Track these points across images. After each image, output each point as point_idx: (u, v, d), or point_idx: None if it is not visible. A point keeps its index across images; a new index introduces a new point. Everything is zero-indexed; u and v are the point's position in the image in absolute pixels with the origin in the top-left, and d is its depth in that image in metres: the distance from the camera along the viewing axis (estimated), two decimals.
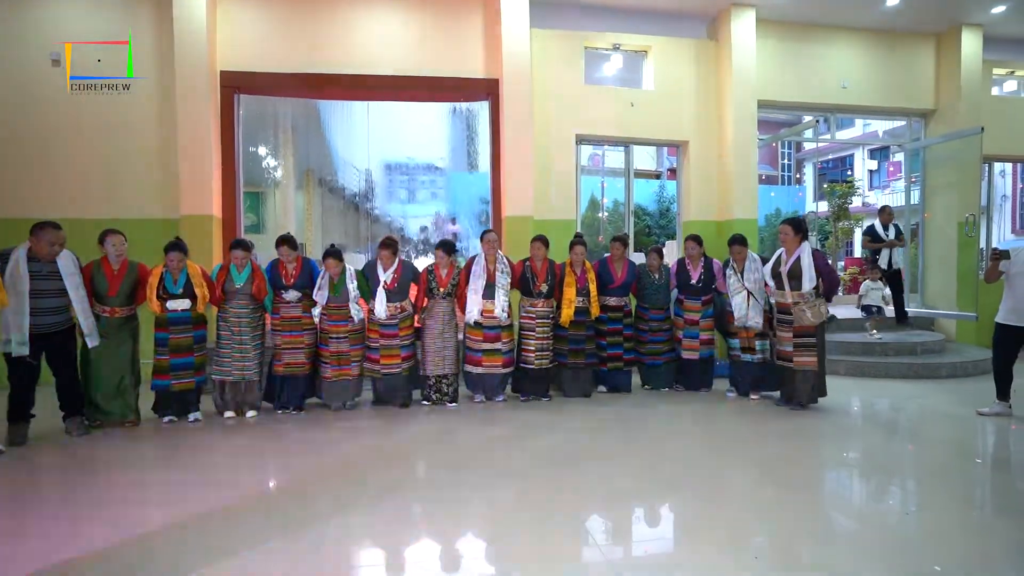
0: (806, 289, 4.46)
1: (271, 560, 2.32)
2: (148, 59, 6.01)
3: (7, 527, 2.65)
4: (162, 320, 4.28)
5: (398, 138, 9.76)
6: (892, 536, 2.55)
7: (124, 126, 5.98)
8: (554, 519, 2.72)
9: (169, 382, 4.29)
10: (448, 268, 4.88)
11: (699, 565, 2.29)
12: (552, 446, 3.86)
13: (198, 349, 4.38)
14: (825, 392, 4.63)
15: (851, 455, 3.76)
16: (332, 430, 4.26)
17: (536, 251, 4.98)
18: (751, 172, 7.03)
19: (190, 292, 4.30)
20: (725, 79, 6.97)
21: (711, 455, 3.68)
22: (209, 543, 2.47)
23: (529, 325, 4.95)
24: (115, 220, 5.67)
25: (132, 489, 3.17)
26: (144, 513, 2.82)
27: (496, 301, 4.77)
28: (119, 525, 2.65)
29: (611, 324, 5.19)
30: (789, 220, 4.74)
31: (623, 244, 5.26)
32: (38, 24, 5.88)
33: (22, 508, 2.89)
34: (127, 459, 3.69)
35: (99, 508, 2.88)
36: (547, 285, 4.93)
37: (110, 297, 4.15)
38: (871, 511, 2.90)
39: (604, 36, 6.91)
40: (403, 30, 6.42)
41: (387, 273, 4.71)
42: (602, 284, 5.13)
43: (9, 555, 2.37)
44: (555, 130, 6.64)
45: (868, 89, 7.58)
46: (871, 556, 2.34)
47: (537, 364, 4.92)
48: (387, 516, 2.77)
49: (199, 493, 3.03)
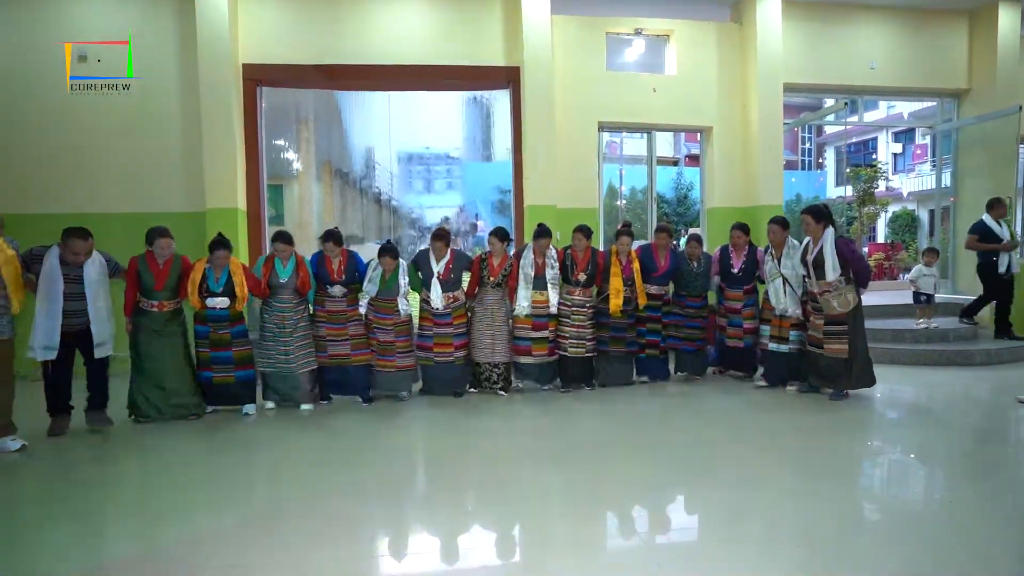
0: (831, 278, 4.38)
1: (326, 550, 2.35)
2: (172, 54, 6.05)
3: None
4: (202, 315, 4.31)
5: (415, 128, 9.76)
6: (924, 526, 2.51)
7: (150, 121, 6.04)
8: (591, 508, 2.72)
9: (211, 375, 4.34)
10: (501, 257, 4.89)
11: (732, 554, 2.27)
12: (591, 435, 3.87)
13: (237, 345, 4.38)
14: (873, 381, 4.53)
15: (887, 445, 3.71)
16: (383, 422, 4.27)
17: (577, 241, 4.96)
18: (777, 157, 6.90)
19: (230, 290, 4.29)
20: (750, 63, 6.83)
21: (747, 445, 3.65)
22: (261, 541, 2.50)
23: (566, 312, 4.94)
24: (142, 214, 5.80)
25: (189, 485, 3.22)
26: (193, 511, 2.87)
27: (549, 295, 4.82)
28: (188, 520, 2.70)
29: (650, 311, 5.16)
30: (809, 208, 4.63)
31: (668, 234, 5.21)
32: (65, 22, 5.94)
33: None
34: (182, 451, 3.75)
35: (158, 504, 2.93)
36: (586, 274, 4.92)
37: (157, 291, 4.15)
38: (904, 501, 2.86)
39: (625, 21, 6.80)
40: (423, 19, 6.38)
41: (440, 264, 4.74)
42: (645, 272, 5.08)
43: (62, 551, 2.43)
44: (576, 118, 6.57)
45: (897, 70, 7.38)
46: (903, 547, 2.30)
47: (572, 352, 4.92)
48: (424, 506, 2.80)
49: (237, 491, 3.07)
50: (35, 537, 2.53)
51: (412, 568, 2.28)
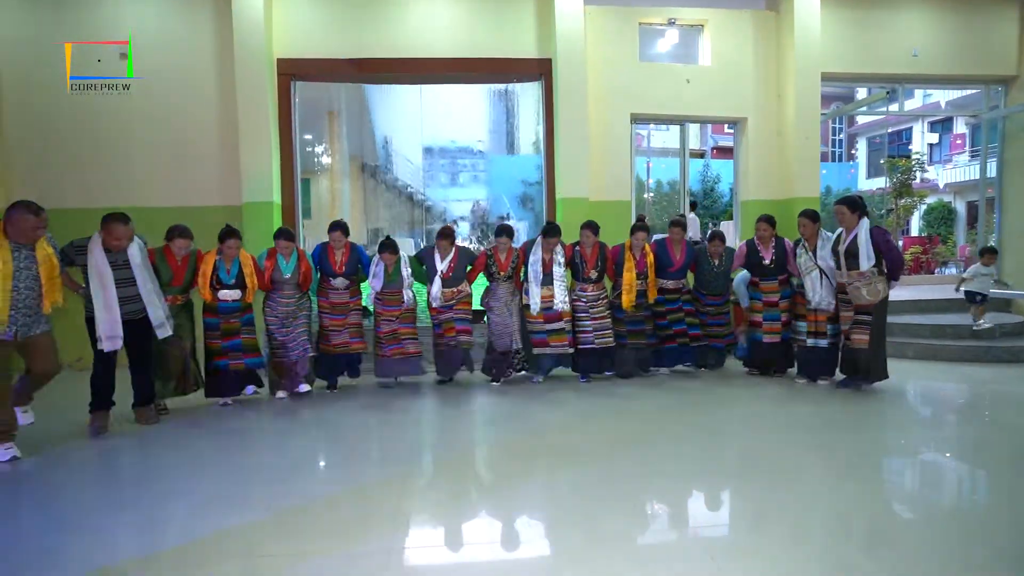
0: (864, 267, 4.33)
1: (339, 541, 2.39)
2: (208, 50, 6.14)
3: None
4: (212, 306, 4.34)
5: (441, 122, 9.77)
6: (958, 527, 2.44)
7: (188, 116, 6.15)
8: (613, 501, 2.69)
9: (227, 362, 4.38)
10: (507, 252, 4.97)
11: (761, 549, 2.24)
12: (614, 427, 3.86)
13: (245, 331, 4.45)
14: (885, 374, 4.46)
15: (923, 442, 3.62)
16: (382, 409, 4.35)
17: (585, 238, 4.97)
18: (814, 148, 6.74)
19: (241, 282, 4.35)
20: (786, 51, 6.67)
21: (775, 439, 3.59)
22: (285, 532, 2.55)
23: (581, 308, 4.96)
24: (180, 208, 5.90)
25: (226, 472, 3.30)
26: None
27: (556, 292, 4.83)
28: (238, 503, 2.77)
29: (669, 304, 5.15)
30: (844, 199, 4.55)
31: (682, 228, 5.17)
32: (106, 19, 6.06)
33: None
34: (210, 445, 3.84)
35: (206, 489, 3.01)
36: (596, 271, 4.96)
37: (173, 287, 4.18)
38: (938, 501, 2.79)
39: (659, 11, 6.69)
40: (455, 11, 6.37)
41: (444, 262, 4.85)
42: (660, 267, 5.09)
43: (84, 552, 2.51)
44: (609, 109, 6.50)
45: (941, 57, 7.13)
46: (934, 548, 2.25)
47: (599, 344, 4.94)
48: (441, 495, 2.81)
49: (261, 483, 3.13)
50: (94, 524, 2.61)
51: (444, 560, 2.28)
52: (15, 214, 3.28)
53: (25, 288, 3.31)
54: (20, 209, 3.29)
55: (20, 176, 6.01)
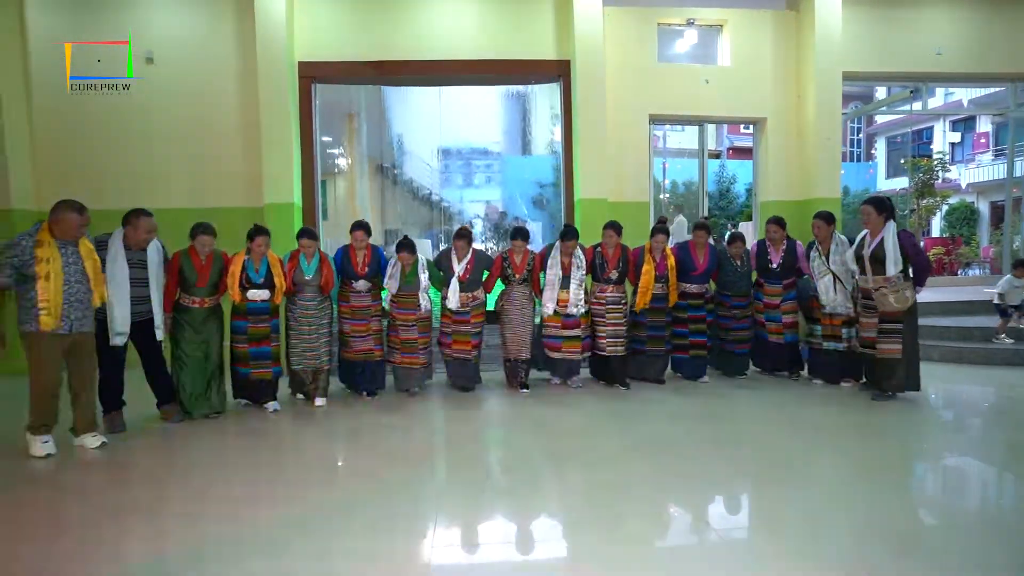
0: (891, 273, 4.17)
1: (358, 540, 2.41)
2: (231, 54, 6.23)
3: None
4: (241, 309, 4.27)
5: (458, 123, 9.82)
6: (982, 532, 2.40)
7: (210, 118, 6.25)
8: (630, 506, 2.67)
9: (248, 371, 4.32)
10: (523, 255, 4.88)
11: (782, 553, 2.23)
12: (630, 433, 3.81)
13: (275, 338, 4.39)
14: (918, 385, 4.33)
15: (948, 446, 3.57)
16: (407, 415, 4.32)
17: (608, 238, 4.89)
18: (834, 149, 6.67)
19: (270, 282, 4.30)
20: (807, 51, 6.62)
21: (795, 444, 3.56)
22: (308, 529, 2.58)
23: (599, 311, 4.89)
24: (202, 209, 5.97)
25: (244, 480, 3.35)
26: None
27: (571, 294, 4.73)
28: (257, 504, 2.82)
29: (692, 311, 5.05)
30: (872, 199, 4.42)
31: (706, 231, 5.07)
32: (131, 23, 6.18)
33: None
34: (230, 448, 3.89)
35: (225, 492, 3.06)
36: (617, 272, 4.87)
37: (198, 288, 4.13)
38: (963, 507, 2.75)
39: (678, 11, 6.67)
40: (474, 14, 6.40)
41: (461, 265, 4.75)
42: (683, 271, 4.98)
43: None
44: (627, 110, 6.49)
45: (966, 54, 7.02)
46: (956, 552, 2.22)
47: (610, 351, 4.85)
48: (456, 500, 2.80)
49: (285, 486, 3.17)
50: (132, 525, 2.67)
51: (464, 560, 2.30)
52: (61, 213, 3.38)
53: (75, 283, 3.41)
54: (65, 208, 3.39)
55: (51, 178, 6.15)
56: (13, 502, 2.84)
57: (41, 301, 3.27)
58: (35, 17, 6.11)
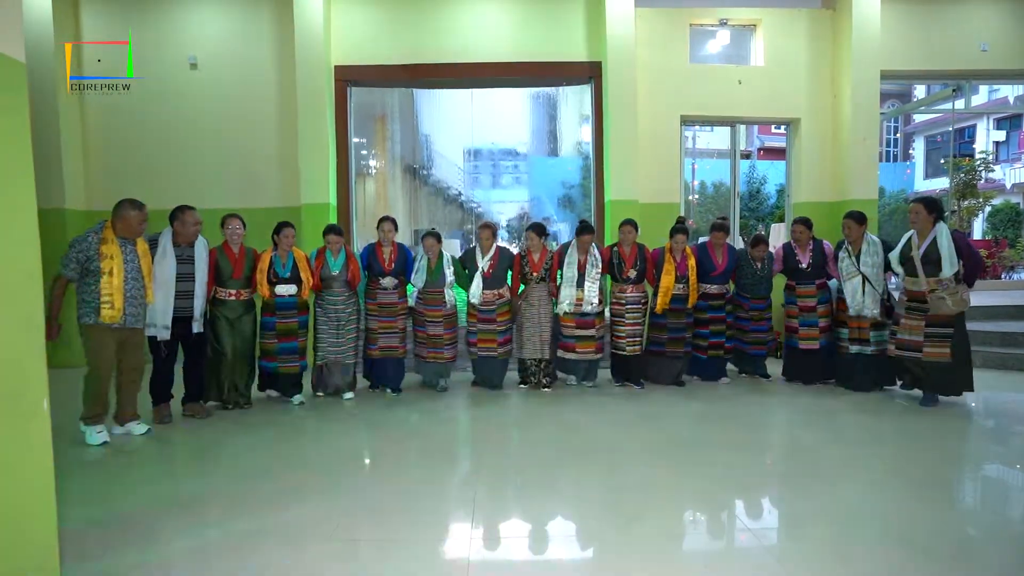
0: (946, 274, 4.07)
1: (377, 531, 2.48)
2: (270, 58, 6.44)
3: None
4: (270, 305, 4.45)
5: (484, 124, 9.91)
6: (1015, 546, 2.35)
7: (250, 120, 6.46)
8: (649, 508, 2.68)
9: (276, 364, 4.47)
10: (540, 252, 4.90)
11: (806, 557, 2.23)
12: (649, 434, 3.80)
13: (302, 334, 4.53)
14: (972, 386, 4.24)
15: (988, 455, 3.48)
16: (430, 412, 4.39)
17: (625, 235, 4.88)
18: (871, 149, 6.54)
19: (296, 277, 4.45)
20: (843, 50, 6.50)
21: (820, 451, 3.51)
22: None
23: (619, 311, 4.89)
24: (240, 209, 6.11)
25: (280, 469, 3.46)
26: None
27: (585, 292, 4.73)
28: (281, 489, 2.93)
29: (712, 312, 5.03)
30: (922, 199, 4.34)
31: (724, 231, 5.04)
32: (176, 29, 6.44)
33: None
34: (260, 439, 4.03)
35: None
36: (636, 271, 4.85)
37: (234, 279, 4.30)
38: (999, 519, 2.67)
39: (710, 12, 6.63)
40: (506, 16, 6.47)
41: (485, 260, 4.80)
42: (703, 271, 4.97)
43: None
44: (659, 112, 6.48)
45: (1011, 50, 6.80)
46: (991, 567, 2.18)
47: (629, 351, 4.86)
48: (467, 498, 2.81)
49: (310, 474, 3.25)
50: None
51: (483, 556, 2.32)
52: (123, 211, 3.58)
53: (132, 280, 3.59)
54: (127, 207, 3.59)
55: (101, 180, 6.43)
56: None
57: (104, 296, 3.45)
58: (88, 20, 6.40)
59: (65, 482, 3.00)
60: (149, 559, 2.26)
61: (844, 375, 4.79)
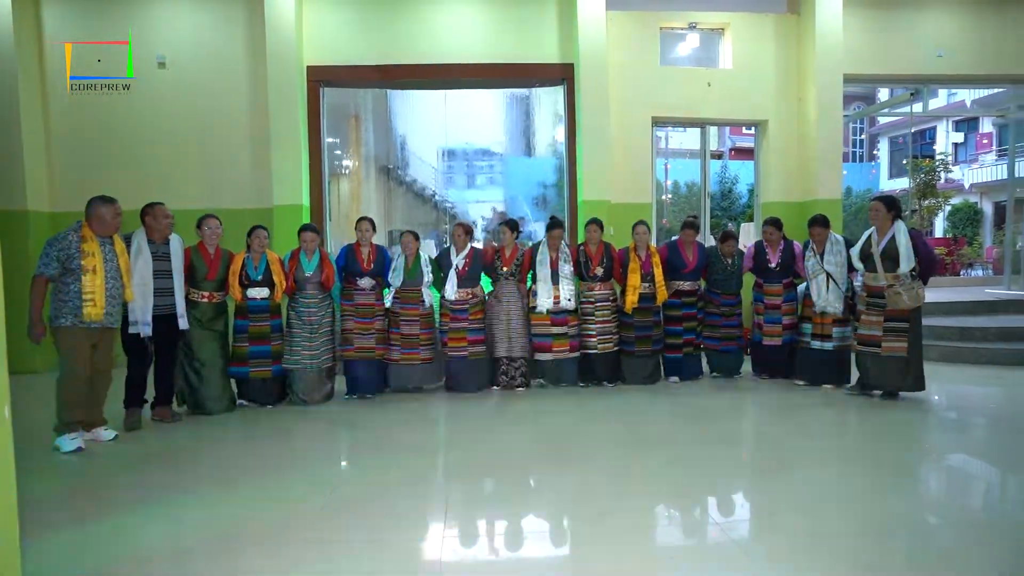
0: (903, 270, 4.23)
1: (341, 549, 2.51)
2: (242, 58, 6.36)
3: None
4: (243, 308, 4.36)
5: (462, 125, 9.93)
6: (982, 534, 2.42)
7: (220, 121, 6.37)
8: (620, 508, 2.67)
9: (247, 369, 4.38)
10: (512, 248, 4.92)
11: (777, 548, 2.30)
12: (617, 433, 3.83)
13: (275, 338, 4.44)
14: (923, 385, 4.38)
15: (949, 446, 3.63)
16: (404, 414, 4.35)
17: (591, 234, 4.95)
18: (835, 150, 6.75)
19: (269, 280, 4.38)
20: (807, 54, 6.69)
21: (794, 445, 3.60)
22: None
23: (588, 310, 4.93)
24: (212, 210, 6.03)
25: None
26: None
27: (561, 288, 4.78)
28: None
29: (685, 309, 5.10)
30: (881, 197, 4.52)
31: (694, 229, 5.13)
32: (143, 28, 6.31)
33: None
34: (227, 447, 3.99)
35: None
36: (602, 268, 4.91)
37: (208, 281, 4.23)
38: (964, 507, 2.78)
39: (680, 15, 6.76)
40: (479, 19, 6.50)
41: (459, 257, 4.80)
42: (674, 269, 5.05)
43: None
44: (630, 113, 6.58)
45: (967, 56, 7.09)
46: (960, 554, 2.25)
47: (600, 349, 4.90)
48: (454, 500, 2.81)
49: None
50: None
51: (457, 557, 2.36)
52: (94, 209, 3.51)
53: (112, 278, 3.53)
54: (98, 203, 3.53)
55: (65, 180, 6.27)
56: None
57: (86, 294, 3.38)
58: (50, 19, 6.24)
59: (35, 488, 2.95)
60: (124, 563, 2.24)
61: (805, 370, 4.92)
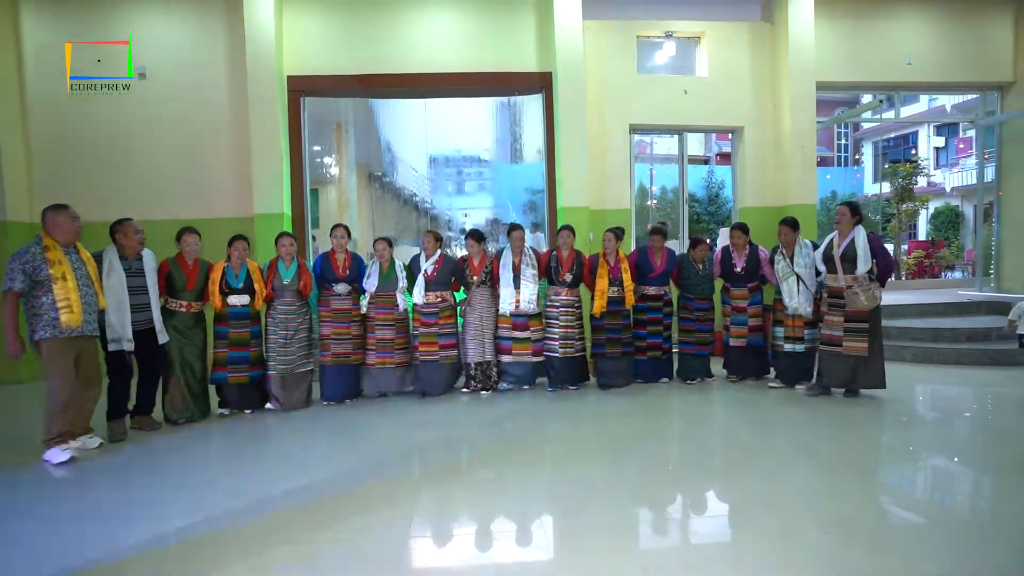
0: (861, 272, 4.37)
1: (326, 549, 2.54)
2: (222, 68, 6.40)
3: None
4: (223, 315, 4.44)
5: (447, 132, 10.00)
6: (952, 530, 2.48)
7: (201, 131, 6.40)
8: (589, 509, 2.72)
9: (226, 375, 4.45)
10: (480, 256, 5.04)
11: (748, 544, 2.35)
12: (592, 434, 3.91)
13: (254, 344, 4.53)
14: (884, 383, 4.48)
15: (916, 444, 3.70)
16: (375, 418, 4.40)
17: (564, 239, 5.05)
18: (810, 156, 6.87)
19: (249, 287, 4.47)
20: (781, 62, 6.82)
21: (759, 444, 3.68)
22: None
23: (553, 314, 5.03)
24: (193, 220, 6.04)
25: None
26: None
27: (521, 292, 4.89)
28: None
29: (651, 313, 5.18)
30: (847, 203, 4.68)
31: (662, 235, 5.24)
32: (123, 37, 6.31)
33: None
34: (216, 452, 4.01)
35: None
36: (571, 275, 5.01)
37: (187, 291, 4.29)
38: (932, 503, 2.85)
39: (656, 24, 6.88)
40: (458, 28, 6.58)
41: (428, 263, 4.90)
42: (641, 273, 5.14)
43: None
44: (608, 120, 6.68)
45: (936, 64, 7.26)
46: (930, 550, 2.30)
47: (563, 352, 4.98)
48: (406, 501, 2.85)
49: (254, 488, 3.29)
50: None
51: (443, 561, 2.41)
52: (50, 219, 3.52)
53: (83, 285, 3.54)
54: (50, 213, 3.53)
55: (45, 190, 6.26)
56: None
57: (60, 301, 3.38)
58: (29, 27, 6.26)
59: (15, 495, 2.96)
60: (103, 568, 2.26)
61: (780, 370, 5.02)
